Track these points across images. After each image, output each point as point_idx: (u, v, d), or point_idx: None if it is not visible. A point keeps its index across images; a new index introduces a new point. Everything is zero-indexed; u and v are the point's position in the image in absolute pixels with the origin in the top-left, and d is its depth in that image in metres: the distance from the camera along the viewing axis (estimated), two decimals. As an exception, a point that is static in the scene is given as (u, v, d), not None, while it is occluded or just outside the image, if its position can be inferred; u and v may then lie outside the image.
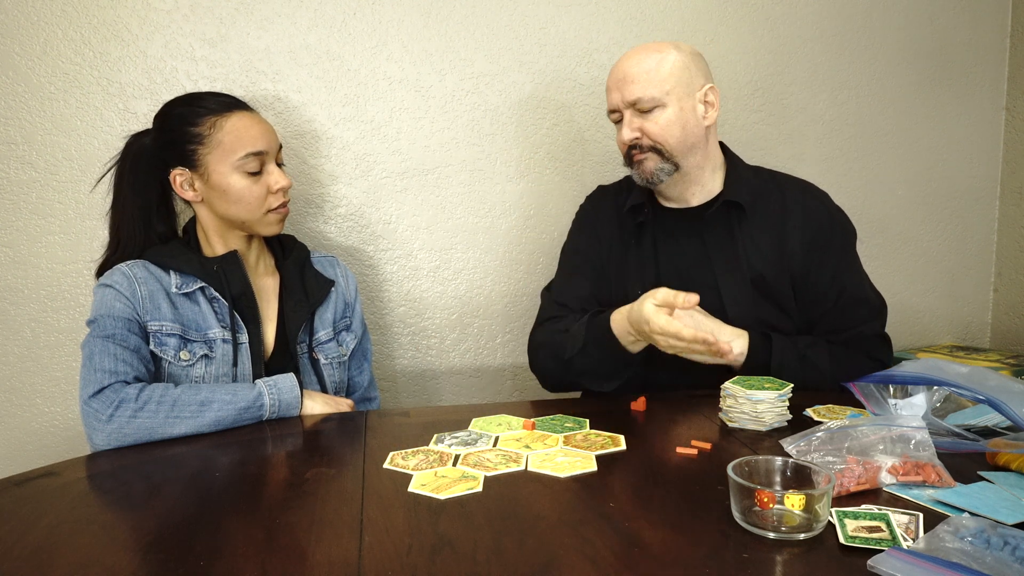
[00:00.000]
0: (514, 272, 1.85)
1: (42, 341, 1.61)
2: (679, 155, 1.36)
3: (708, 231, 1.40)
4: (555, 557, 0.75)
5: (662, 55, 1.34)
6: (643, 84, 1.32)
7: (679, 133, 1.34)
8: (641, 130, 1.35)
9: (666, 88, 1.33)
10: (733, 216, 1.39)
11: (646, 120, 1.34)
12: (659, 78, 1.32)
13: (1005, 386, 1.07)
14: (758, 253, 1.37)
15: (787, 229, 1.38)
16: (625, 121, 1.36)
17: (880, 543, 0.76)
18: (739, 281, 1.36)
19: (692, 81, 1.35)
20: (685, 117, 1.34)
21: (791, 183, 1.45)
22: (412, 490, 0.92)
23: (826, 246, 1.38)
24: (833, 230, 1.40)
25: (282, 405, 1.21)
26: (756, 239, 1.38)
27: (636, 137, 1.35)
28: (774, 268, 1.36)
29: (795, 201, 1.40)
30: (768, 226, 1.39)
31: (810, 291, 1.37)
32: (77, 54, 1.55)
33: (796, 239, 1.37)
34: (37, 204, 1.57)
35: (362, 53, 1.69)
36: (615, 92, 1.36)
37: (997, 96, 2.13)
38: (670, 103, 1.33)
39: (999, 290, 2.20)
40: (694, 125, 1.36)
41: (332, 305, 1.43)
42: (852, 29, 1.99)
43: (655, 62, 1.33)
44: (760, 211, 1.39)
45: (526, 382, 1.89)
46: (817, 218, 1.39)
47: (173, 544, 0.79)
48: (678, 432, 1.12)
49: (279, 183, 1.30)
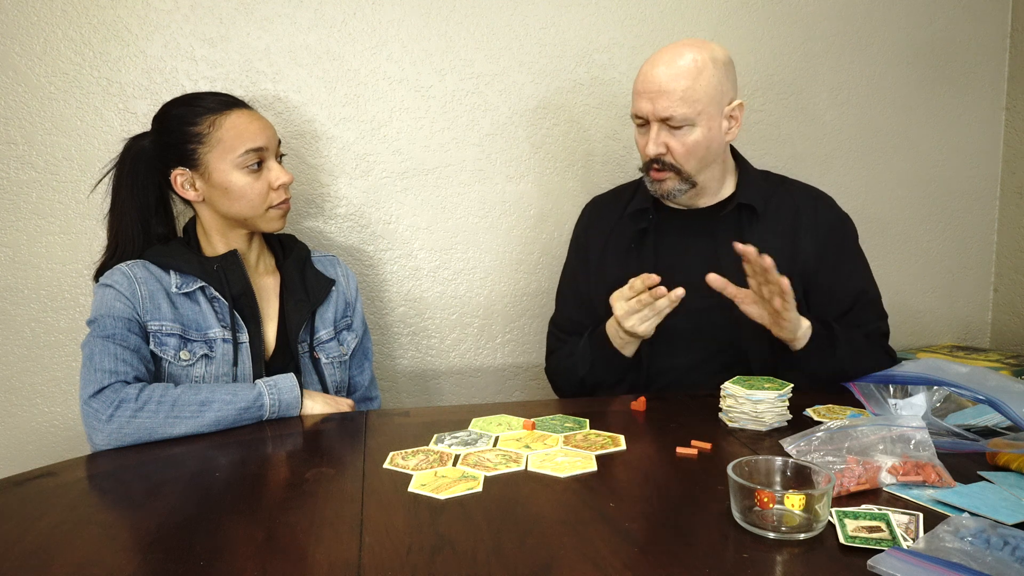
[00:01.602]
0: (514, 272, 1.85)
1: (42, 341, 1.61)
2: (697, 173, 1.36)
3: (719, 232, 1.40)
4: (555, 557, 0.75)
5: (699, 70, 1.29)
6: (677, 102, 1.28)
7: (703, 153, 1.34)
8: (667, 146, 1.33)
9: (699, 108, 1.29)
10: (744, 218, 1.40)
11: (673, 137, 1.32)
12: (693, 97, 1.29)
13: (1005, 386, 1.07)
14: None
15: (798, 232, 1.39)
16: (652, 135, 1.33)
17: (880, 543, 0.76)
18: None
19: (723, 97, 1.33)
20: (711, 136, 1.33)
21: (800, 188, 1.47)
22: (412, 490, 0.92)
23: (839, 249, 1.40)
24: (845, 233, 1.43)
25: (282, 405, 1.21)
26: (767, 241, 1.38)
27: (661, 153, 1.33)
28: (785, 270, 1.36)
29: (806, 205, 1.42)
30: (779, 229, 1.39)
31: (825, 293, 1.38)
32: (77, 54, 1.55)
33: (808, 242, 1.39)
34: (37, 204, 1.57)
35: (362, 53, 1.69)
36: (645, 102, 1.32)
37: (997, 96, 2.13)
38: (700, 123, 1.31)
39: (999, 290, 2.20)
40: (718, 144, 1.35)
41: (333, 304, 1.43)
42: (852, 29, 1.99)
43: (692, 79, 1.28)
44: (771, 214, 1.40)
45: (526, 382, 1.89)
46: (829, 222, 1.42)
47: (173, 544, 0.80)
48: (678, 432, 1.12)
49: (280, 179, 1.30)
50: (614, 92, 1.84)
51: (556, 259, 1.86)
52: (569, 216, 1.85)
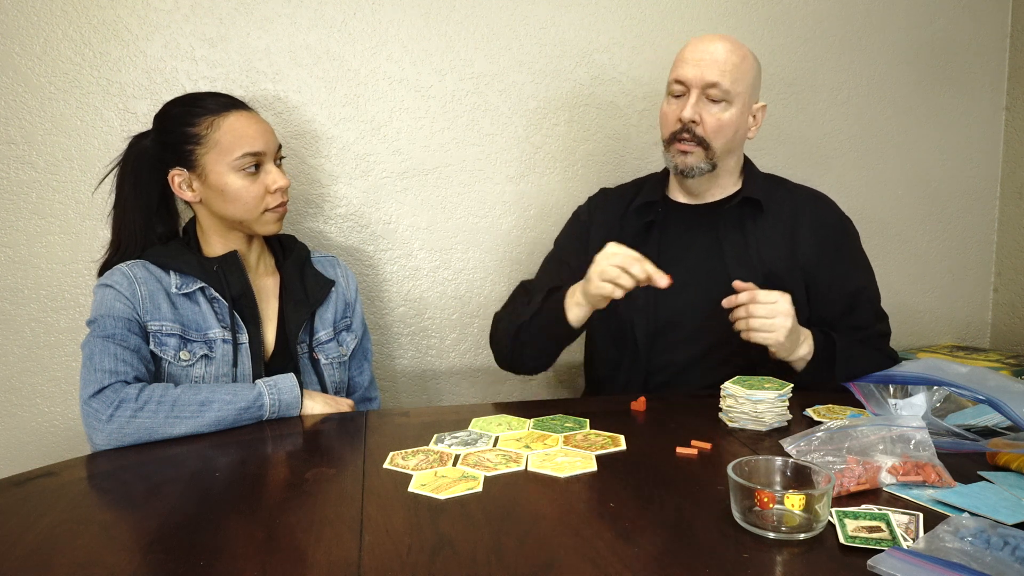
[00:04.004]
0: (514, 272, 1.85)
1: (42, 341, 1.61)
2: (720, 156, 1.38)
3: (722, 226, 1.41)
4: (555, 557, 0.75)
5: (746, 55, 1.35)
6: (726, 73, 1.32)
7: (730, 135, 1.36)
8: (700, 116, 1.34)
9: (740, 88, 1.33)
10: (747, 213, 1.41)
11: (708, 109, 1.34)
12: (739, 75, 1.33)
13: (1005, 386, 1.07)
14: (771, 250, 1.39)
15: (799, 230, 1.40)
16: (691, 101, 1.34)
17: (880, 543, 0.76)
18: (751, 276, 1.34)
19: (755, 93, 1.39)
20: (739, 123, 1.36)
21: (801, 189, 1.49)
22: (412, 490, 0.92)
23: (838, 249, 1.41)
24: (844, 233, 1.44)
25: (282, 405, 1.21)
26: (769, 236, 1.39)
27: (695, 121, 1.34)
28: (785, 265, 1.38)
29: (806, 205, 1.44)
30: (780, 225, 1.41)
31: (824, 293, 1.39)
32: (77, 54, 1.55)
33: (809, 240, 1.40)
34: (37, 204, 1.57)
35: (362, 53, 1.69)
36: (692, 67, 1.33)
37: (997, 96, 2.13)
38: (736, 103, 1.34)
39: (999, 290, 2.20)
40: (742, 134, 1.39)
41: (332, 305, 1.43)
42: (852, 29, 1.99)
43: (740, 58, 1.33)
44: (773, 211, 1.42)
45: (526, 382, 1.89)
46: (829, 222, 1.43)
47: (173, 544, 0.79)
48: (678, 432, 1.12)
49: (277, 183, 1.30)
50: (614, 92, 1.84)
51: (556, 259, 1.86)
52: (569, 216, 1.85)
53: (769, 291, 1.23)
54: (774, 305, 1.22)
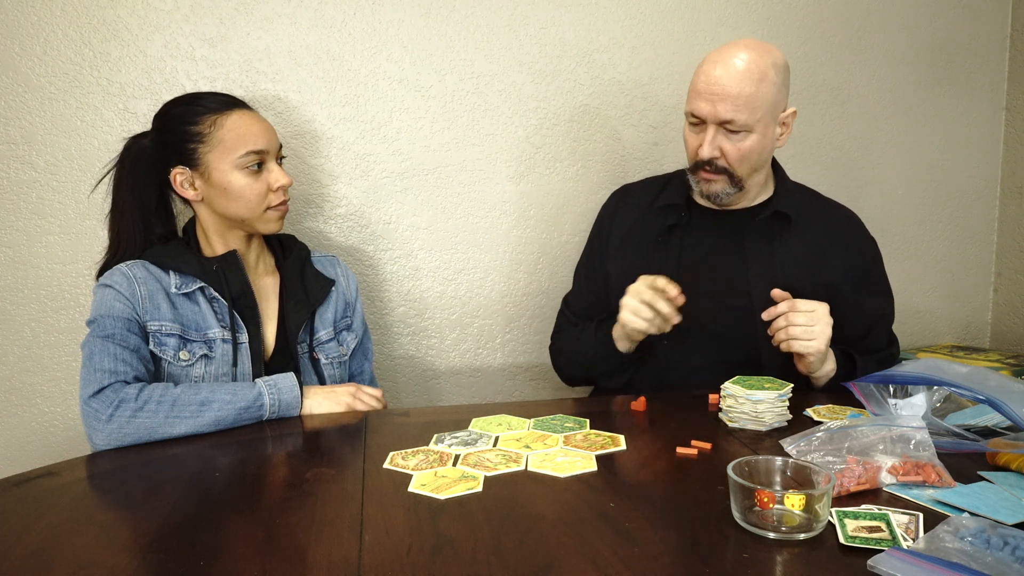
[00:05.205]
0: (514, 272, 1.85)
1: (42, 341, 1.61)
2: (747, 177, 1.36)
3: (748, 236, 1.40)
4: (555, 557, 0.75)
5: (761, 76, 1.27)
6: (739, 108, 1.27)
7: (755, 159, 1.34)
8: (721, 150, 1.31)
9: (758, 116, 1.29)
10: (775, 225, 1.40)
11: (727, 140, 1.31)
12: (754, 104, 1.27)
13: (1005, 386, 1.06)
14: (794, 265, 1.38)
15: (828, 248, 1.40)
16: (708, 137, 1.31)
17: (880, 543, 0.76)
18: (771, 287, 1.31)
19: (779, 104, 1.33)
20: (765, 143, 1.33)
21: (833, 205, 1.48)
22: (412, 490, 0.92)
23: (865, 272, 1.42)
24: (872, 257, 1.44)
25: (282, 405, 1.21)
26: (794, 252, 1.38)
27: (716, 157, 1.32)
28: (808, 282, 1.36)
29: (838, 224, 1.43)
30: (807, 241, 1.40)
31: (844, 314, 1.33)
32: (77, 54, 1.55)
33: (838, 261, 1.39)
34: (37, 204, 1.57)
35: (362, 53, 1.69)
36: (706, 103, 1.29)
37: (997, 96, 2.13)
38: (757, 130, 1.30)
39: (999, 290, 2.20)
40: (770, 149, 1.36)
41: (333, 305, 1.43)
42: (852, 30, 1.99)
43: (754, 85, 1.27)
44: (803, 226, 1.40)
45: (526, 382, 1.89)
46: (859, 245, 1.43)
47: (173, 544, 0.80)
48: (678, 432, 1.12)
49: (279, 181, 1.30)
50: (614, 92, 1.84)
51: (556, 259, 1.86)
52: (569, 216, 1.85)
53: (807, 300, 1.22)
54: (813, 313, 1.21)
